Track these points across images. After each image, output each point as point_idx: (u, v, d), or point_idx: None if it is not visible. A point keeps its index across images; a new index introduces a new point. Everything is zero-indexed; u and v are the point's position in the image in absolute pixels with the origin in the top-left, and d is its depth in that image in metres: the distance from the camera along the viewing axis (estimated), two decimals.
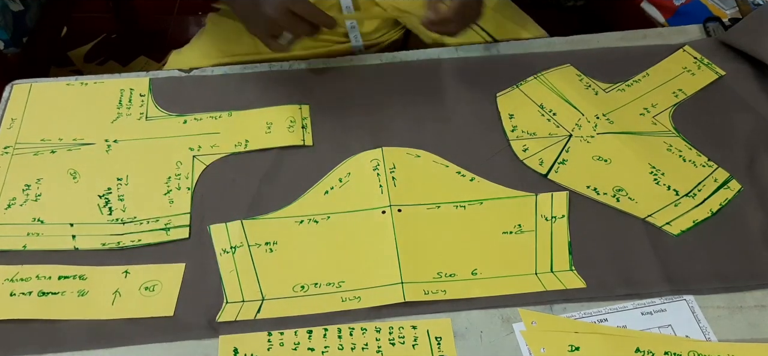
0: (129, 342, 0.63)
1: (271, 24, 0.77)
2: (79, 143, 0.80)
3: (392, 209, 0.73)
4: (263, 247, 0.70)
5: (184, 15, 1.93)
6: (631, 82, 0.88)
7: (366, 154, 0.79)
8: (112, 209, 0.73)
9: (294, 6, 0.76)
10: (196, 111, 0.84)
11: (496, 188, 0.76)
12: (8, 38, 1.32)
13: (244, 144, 0.80)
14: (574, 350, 0.62)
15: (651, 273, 0.68)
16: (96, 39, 1.82)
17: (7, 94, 0.85)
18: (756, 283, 0.68)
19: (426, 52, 0.92)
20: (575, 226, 0.72)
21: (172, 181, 0.76)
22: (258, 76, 0.88)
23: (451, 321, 0.64)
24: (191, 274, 0.68)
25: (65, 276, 0.68)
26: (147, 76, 0.88)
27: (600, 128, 0.82)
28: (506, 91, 0.87)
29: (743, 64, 0.90)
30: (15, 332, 0.63)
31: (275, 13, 0.76)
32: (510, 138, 0.81)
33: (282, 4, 0.76)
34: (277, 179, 0.77)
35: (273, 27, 0.78)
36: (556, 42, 0.94)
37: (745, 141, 0.81)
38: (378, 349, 0.62)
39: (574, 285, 0.67)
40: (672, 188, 0.76)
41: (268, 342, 0.63)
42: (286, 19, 0.76)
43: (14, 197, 0.74)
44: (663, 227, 0.72)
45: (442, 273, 0.68)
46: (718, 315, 0.65)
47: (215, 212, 0.73)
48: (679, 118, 0.84)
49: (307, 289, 0.67)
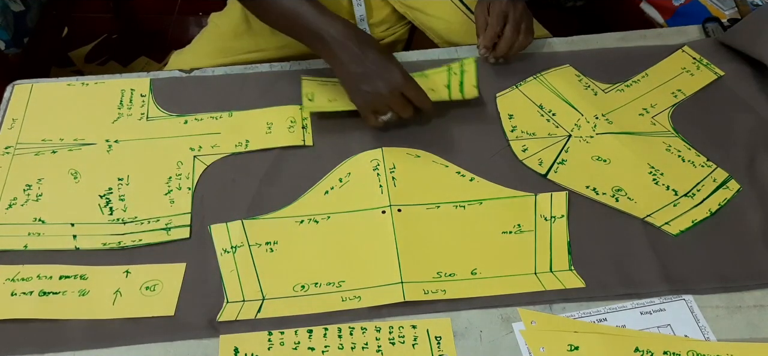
0: (129, 342, 0.63)
1: (379, 100, 0.76)
2: (80, 143, 0.80)
3: (392, 209, 0.73)
4: (264, 247, 0.70)
5: (184, 15, 1.93)
6: (631, 83, 0.88)
7: (366, 154, 0.79)
8: (112, 209, 0.74)
9: (407, 90, 0.76)
10: (197, 111, 0.84)
11: (495, 188, 0.76)
12: (9, 39, 1.33)
13: (245, 144, 0.80)
14: (573, 349, 0.62)
15: (650, 273, 0.68)
16: (97, 39, 1.82)
17: (8, 94, 0.85)
18: (755, 283, 0.68)
19: (425, 52, 0.92)
20: (574, 226, 0.72)
21: (172, 181, 0.76)
22: (258, 76, 0.89)
23: (450, 321, 0.65)
24: (192, 274, 0.68)
25: (66, 276, 0.68)
26: (148, 77, 0.88)
27: (599, 129, 0.82)
28: (506, 91, 0.87)
29: (742, 64, 0.90)
30: (16, 332, 0.64)
31: (388, 93, 0.75)
32: (509, 138, 0.81)
33: (397, 87, 0.75)
34: (278, 179, 0.77)
35: (380, 104, 0.76)
36: (555, 42, 0.94)
37: (744, 141, 0.81)
38: (378, 349, 0.63)
39: (573, 285, 0.67)
40: (671, 188, 0.76)
41: (269, 341, 0.63)
42: (396, 100, 0.76)
43: (15, 197, 0.74)
44: (662, 227, 0.72)
45: (441, 272, 0.68)
46: (717, 314, 0.65)
47: (216, 212, 0.74)
48: (678, 118, 0.84)
49: (308, 289, 0.67)
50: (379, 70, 0.75)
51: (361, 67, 0.75)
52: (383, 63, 0.75)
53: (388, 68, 0.75)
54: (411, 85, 0.76)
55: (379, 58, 0.75)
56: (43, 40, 1.48)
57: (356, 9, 0.97)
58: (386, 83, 0.75)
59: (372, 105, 0.77)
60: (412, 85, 0.76)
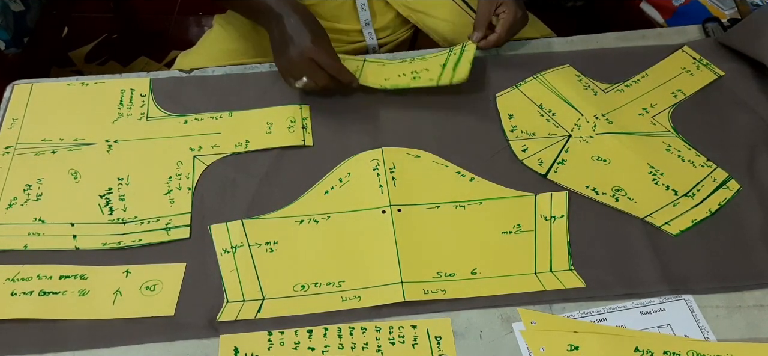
0: (129, 342, 0.63)
1: (291, 64, 0.80)
2: (80, 143, 0.80)
3: (392, 208, 0.73)
4: (264, 247, 0.70)
5: (184, 15, 1.93)
6: (631, 83, 0.88)
7: (366, 154, 0.79)
8: (112, 209, 0.74)
9: (317, 56, 0.79)
10: (197, 111, 0.84)
11: (495, 188, 0.76)
12: (9, 39, 1.32)
13: (245, 144, 0.80)
14: (573, 349, 0.62)
15: (650, 273, 0.68)
16: (97, 39, 1.82)
17: (8, 94, 0.85)
18: (755, 283, 0.68)
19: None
20: (574, 226, 0.72)
21: (172, 181, 0.76)
22: (258, 76, 0.89)
23: (450, 321, 0.65)
24: (192, 274, 0.68)
25: (66, 276, 0.68)
26: (148, 77, 0.88)
27: (599, 128, 0.82)
28: (506, 91, 0.87)
29: (742, 64, 0.90)
30: (16, 331, 0.64)
31: (298, 58, 0.79)
32: (509, 138, 0.81)
33: (305, 52, 0.78)
34: (278, 179, 0.77)
35: (293, 68, 0.80)
36: (555, 42, 0.94)
37: (743, 141, 0.81)
38: (378, 348, 0.63)
39: (573, 285, 0.67)
40: (671, 188, 0.76)
41: (269, 341, 0.63)
42: (307, 66, 0.79)
43: (15, 197, 0.74)
44: (662, 226, 0.72)
45: (441, 272, 0.68)
46: (716, 314, 0.65)
47: (216, 212, 0.74)
48: (678, 118, 0.84)
49: (308, 289, 0.67)
50: (294, 35, 0.79)
51: (281, 32, 0.80)
52: (299, 29, 0.79)
53: (301, 34, 0.79)
54: (322, 53, 0.79)
55: (297, 24, 0.79)
56: (43, 40, 1.48)
57: (361, 13, 0.98)
58: (296, 48, 0.78)
59: (286, 70, 0.81)
60: (324, 53, 0.79)
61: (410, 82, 0.84)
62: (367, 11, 0.98)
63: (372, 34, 1.00)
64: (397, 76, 0.86)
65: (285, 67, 0.81)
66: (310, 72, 0.79)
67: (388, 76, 0.86)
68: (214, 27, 1.01)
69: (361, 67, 0.87)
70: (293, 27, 0.79)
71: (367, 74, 0.86)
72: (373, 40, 1.01)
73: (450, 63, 0.85)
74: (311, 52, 0.78)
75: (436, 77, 0.84)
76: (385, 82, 0.84)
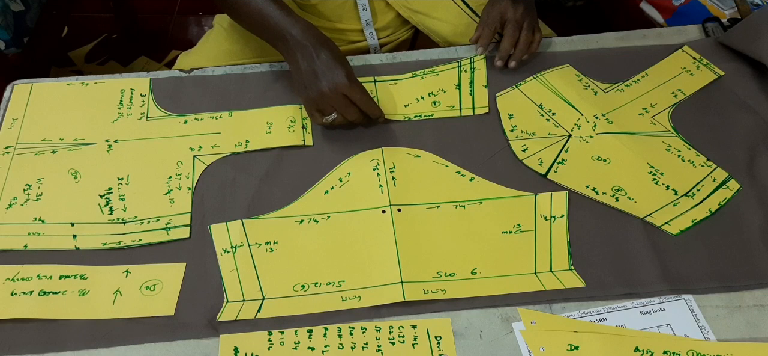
0: (129, 342, 0.63)
1: (321, 98, 0.77)
2: (80, 143, 0.80)
3: (392, 208, 0.73)
4: (264, 247, 0.70)
5: (184, 15, 1.93)
6: (631, 83, 0.88)
7: (366, 154, 0.79)
8: (112, 209, 0.74)
9: (351, 93, 0.77)
10: (197, 111, 0.84)
11: (495, 188, 0.76)
12: (9, 38, 1.32)
13: (245, 144, 0.80)
14: (573, 349, 0.62)
15: (650, 273, 0.68)
16: (97, 39, 1.82)
17: (8, 94, 0.85)
18: (755, 282, 0.68)
19: (425, 52, 0.93)
20: (574, 226, 0.72)
21: (172, 181, 0.76)
22: (258, 76, 0.89)
23: (450, 321, 0.65)
24: (192, 274, 0.68)
25: (66, 276, 0.68)
26: (148, 77, 0.88)
27: (599, 128, 0.82)
28: (506, 91, 0.87)
29: (742, 64, 0.90)
30: (15, 331, 0.64)
31: (330, 93, 0.76)
32: (509, 138, 0.81)
33: (339, 88, 0.76)
34: (278, 179, 0.77)
35: (322, 102, 0.77)
36: (555, 42, 0.94)
37: (743, 141, 0.81)
38: (378, 348, 0.63)
39: (573, 285, 0.67)
40: (671, 187, 0.76)
41: (269, 341, 0.63)
42: (339, 101, 0.77)
43: (15, 196, 0.74)
44: (662, 226, 0.72)
45: (441, 272, 0.68)
46: (716, 314, 0.65)
47: (216, 212, 0.74)
48: (678, 118, 0.84)
49: (308, 288, 0.67)
50: (326, 70, 0.76)
51: (310, 65, 0.77)
52: (331, 64, 0.76)
53: (334, 69, 0.76)
54: (356, 89, 0.77)
55: (329, 59, 0.77)
56: (43, 40, 1.47)
57: (362, 14, 0.98)
58: (330, 83, 0.76)
59: (315, 103, 0.78)
60: (357, 88, 0.77)
61: (432, 109, 0.84)
62: (368, 11, 0.98)
63: (373, 34, 1.00)
64: (415, 100, 0.85)
65: (315, 100, 0.78)
66: (342, 107, 0.77)
67: (406, 102, 0.85)
68: (214, 27, 1.01)
69: (375, 93, 0.86)
70: (325, 62, 0.76)
71: (384, 103, 0.84)
72: (373, 40, 1.01)
73: (464, 82, 0.86)
74: (345, 89, 0.76)
75: (457, 104, 0.84)
76: (406, 111, 0.84)
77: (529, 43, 0.87)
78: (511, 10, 0.87)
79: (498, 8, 0.88)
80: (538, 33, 0.89)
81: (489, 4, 0.91)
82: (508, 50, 0.87)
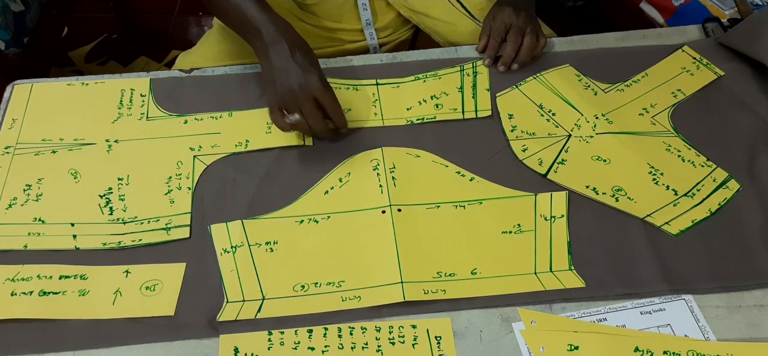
0: (129, 342, 0.63)
1: (290, 97, 0.75)
2: (80, 143, 0.80)
3: (392, 208, 0.73)
4: (264, 247, 0.70)
5: (184, 15, 1.93)
6: (630, 83, 0.88)
7: (366, 154, 0.79)
8: (112, 209, 0.74)
9: (323, 96, 0.75)
10: (197, 111, 0.84)
11: (495, 188, 0.76)
12: (9, 39, 1.32)
13: (245, 144, 0.80)
14: (573, 349, 0.62)
15: (650, 273, 0.68)
16: (97, 39, 1.82)
17: (8, 94, 0.85)
18: (755, 282, 0.68)
19: (425, 52, 0.93)
20: (574, 226, 0.72)
21: (172, 181, 0.76)
22: (258, 76, 0.89)
23: (450, 321, 0.65)
24: (192, 274, 0.68)
25: (66, 276, 0.68)
26: (148, 77, 0.88)
27: (599, 128, 0.82)
28: (506, 91, 0.87)
29: (742, 64, 0.90)
30: (16, 331, 0.64)
31: (300, 92, 0.74)
32: (509, 138, 0.81)
33: (312, 89, 0.74)
34: (278, 179, 0.77)
35: (290, 101, 0.75)
36: (555, 42, 0.94)
37: (743, 141, 0.81)
38: (378, 348, 0.63)
39: (573, 285, 0.67)
40: (671, 187, 0.76)
41: (269, 341, 0.63)
42: (308, 103, 0.75)
43: (15, 196, 0.74)
44: (662, 226, 0.72)
45: (441, 272, 0.68)
46: (716, 314, 0.65)
47: (216, 212, 0.74)
48: (678, 118, 0.84)
49: (308, 289, 0.67)
50: (300, 69, 0.75)
51: (284, 62, 0.75)
52: (306, 65, 0.75)
53: (308, 70, 0.75)
54: (328, 94, 0.76)
55: (303, 60, 0.75)
56: (43, 40, 1.47)
57: (362, 13, 0.98)
58: (302, 82, 0.74)
59: (282, 100, 0.76)
60: (329, 93, 0.76)
61: (434, 111, 0.84)
62: (368, 11, 0.98)
63: (373, 33, 1.00)
64: (418, 103, 0.85)
65: (282, 97, 0.75)
66: (308, 109, 0.75)
67: (408, 105, 0.85)
68: (214, 27, 1.01)
69: (378, 96, 0.86)
70: (299, 62, 0.75)
71: (386, 107, 0.84)
72: (374, 40, 1.01)
73: (467, 85, 0.86)
74: (317, 91, 0.74)
75: (460, 107, 0.84)
76: (409, 114, 0.84)
77: (532, 47, 0.88)
78: (514, 18, 0.89)
79: (501, 17, 0.89)
80: (543, 38, 0.89)
81: (491, 13, 0.92)
82: (511, 56, 0.88)
